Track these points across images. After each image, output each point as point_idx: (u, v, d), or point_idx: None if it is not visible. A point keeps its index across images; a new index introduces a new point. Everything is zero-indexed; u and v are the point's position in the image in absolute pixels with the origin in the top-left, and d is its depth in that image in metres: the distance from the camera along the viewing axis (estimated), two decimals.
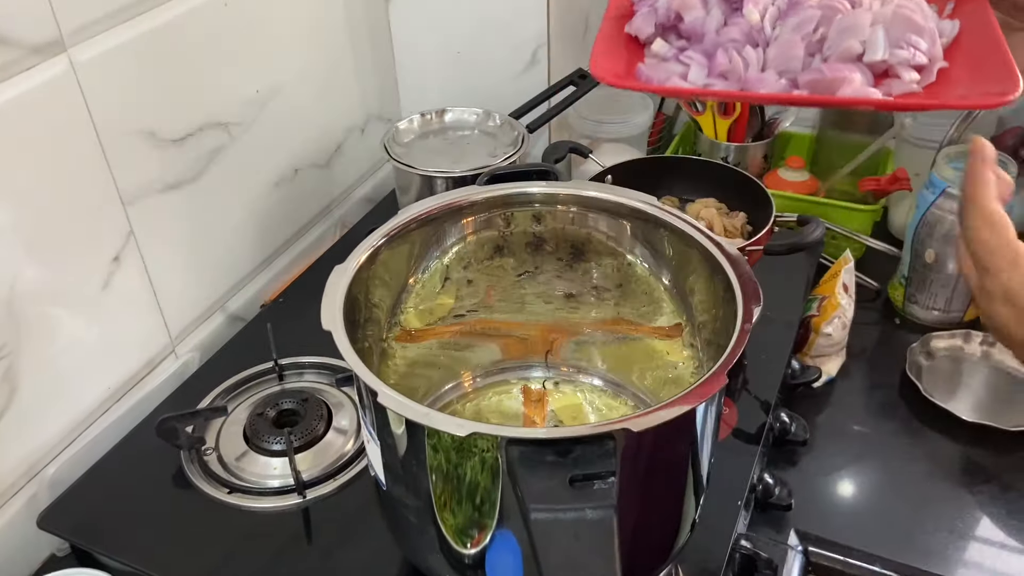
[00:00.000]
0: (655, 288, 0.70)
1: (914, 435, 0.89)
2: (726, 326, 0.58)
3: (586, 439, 0.50)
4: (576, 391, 0.74)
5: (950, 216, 0.93)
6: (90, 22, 0.72)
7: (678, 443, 0.56)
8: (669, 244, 0.67)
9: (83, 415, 0.80)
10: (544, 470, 0.50)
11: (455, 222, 0.67)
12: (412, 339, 0.67)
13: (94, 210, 0.76)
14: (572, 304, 0.73)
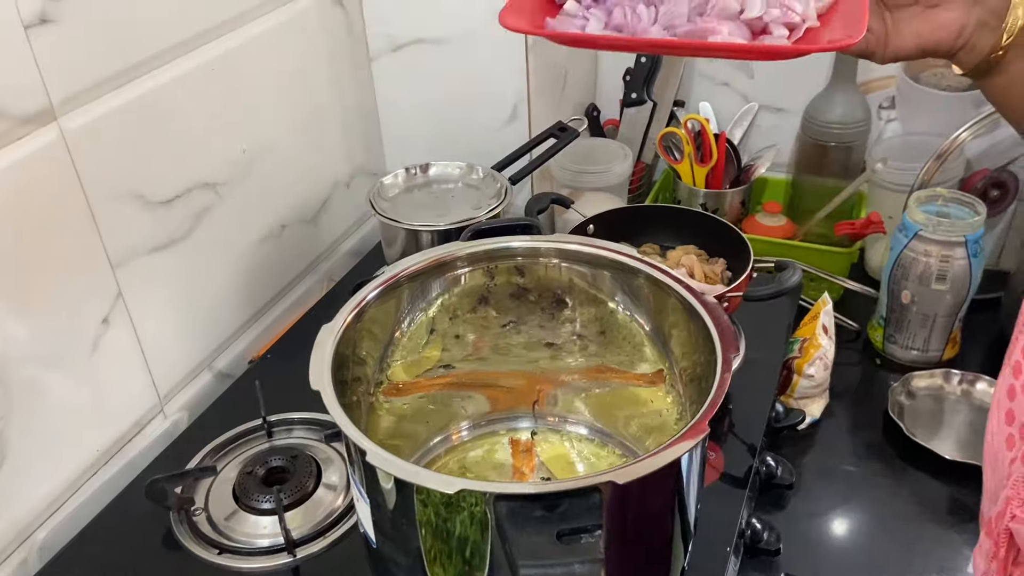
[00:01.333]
0: (636, 336, 0.71)
1: (899, 475, 0.90)
2: (706, 372, 0.59)
3: (572, 493, 0.51)
4: (563, 441, 0.75)
5: (923, 258, 0.95)
6: (79, 92, 0.74)
7: (663, 492, 0.56)
8: (648, 293, 0.69)
9: (72, 478, 0.80)
10: (532, 526, 0.51)
11: (440, 276, 0.68)
12: (399, 393, 0.68)
13: (83, 273, 0.77)
14: (555, 353, 0.74)
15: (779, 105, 1.22)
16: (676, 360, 0.68)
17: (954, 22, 0.60)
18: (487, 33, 1.05)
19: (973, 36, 0.61)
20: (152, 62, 0.80)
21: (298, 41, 1.00)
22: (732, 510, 0.76)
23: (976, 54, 0.61)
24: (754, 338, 0.94)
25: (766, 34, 0.60)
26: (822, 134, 1.11)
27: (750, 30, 0.60)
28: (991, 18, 0.60)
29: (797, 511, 0.86)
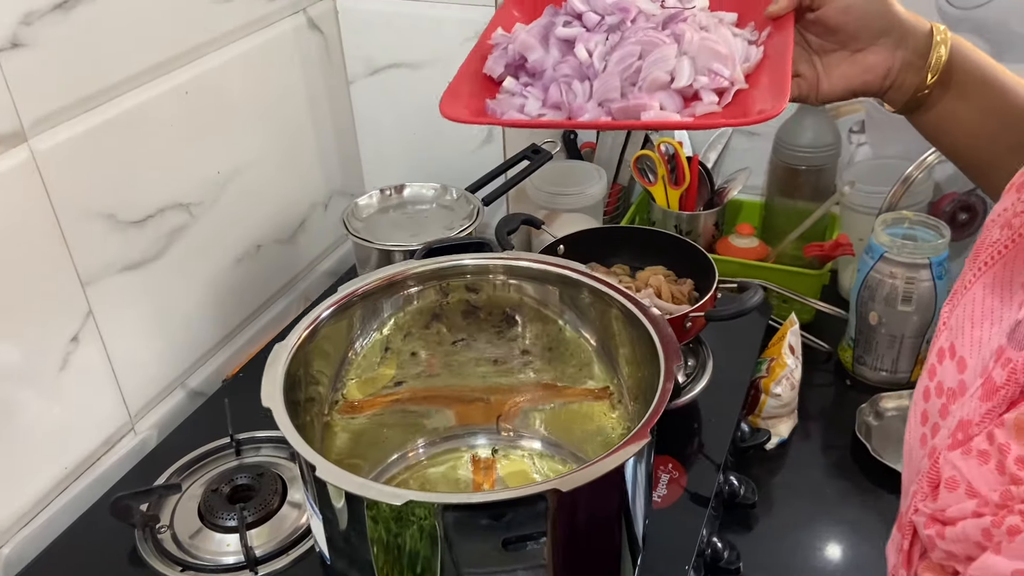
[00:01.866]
0: (584, 352, 0.72)
1: (865, 495, 0.91)
2: (651, 385, 0.60)
3: (517, 501, 0.52)
4: (522, 457, 0.76)
5: (889, 279, 0.96)
6: (51, 113, 0.75)
7: (607, 500, 0.57)
8: (593, 308, 0.70)
9: (40, 495, 0.80)
10: (478, 534, 0.52)
11: (393, 295, 0.69)
12: (355, 411, 0.69)
13: (52, 292, 0.78)
14: (504, 370, 0.75)
15: (752, 129, 1.23)
16: (623, 376, 0.69)
17: (880, 64, 0.63)
18: (460, 57, 1.07)
19: (900, 76, 0.63)
20: (125, 85, 0.82)
21: (275, 64, 1.02)
22: (693, 528, 0.76)
23: (904, 93, 0.64)
24: (723, 359, 0.95)
25: (697, 100, 0.62)
26: (793, 157, 1.12)
27: (682, 96, 0.62)
28: (915, 58, 0.63)
29: (763, 531, 0.86)
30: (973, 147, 0.66)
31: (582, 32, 0.65)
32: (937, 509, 0.46)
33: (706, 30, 0.64)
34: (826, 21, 0.63)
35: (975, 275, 0.51)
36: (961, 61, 0.63)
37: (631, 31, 0.63)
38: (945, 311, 0.53)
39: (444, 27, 1.06)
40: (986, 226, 0.52)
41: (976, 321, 0.49)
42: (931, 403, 0.51)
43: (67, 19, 0.74)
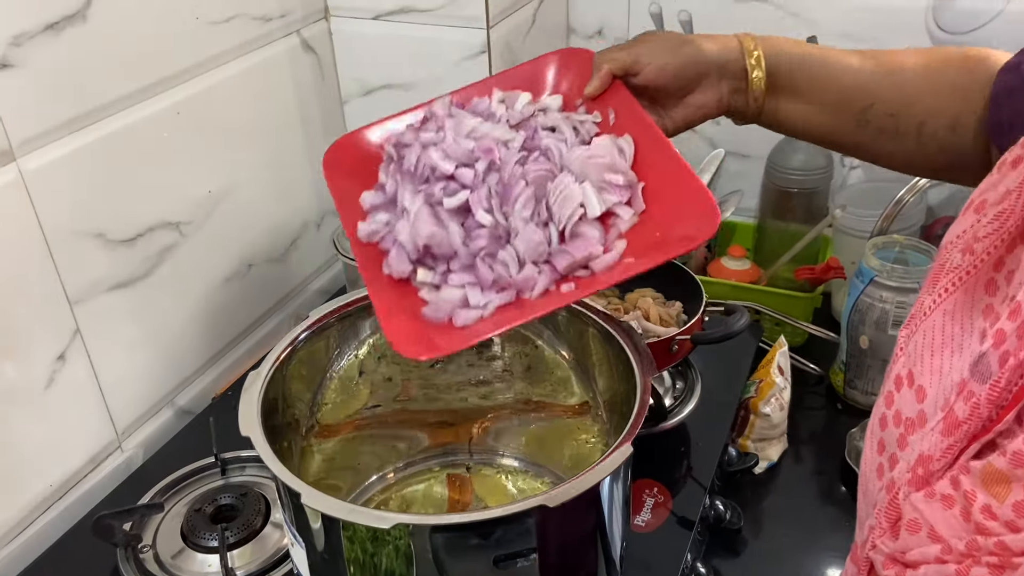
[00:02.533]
0: (561, 369, 0.72)
1: (854, 521, 0.90)
2: (629, 400, 0.60)
3: (506, 519, 0.52)
4: (498, 474, 0.76)
5: (879, 304, 0.96)
6: (40, 133, 0.76)
7: (592, 516, 0.57)
8: (569, 325, 0.70)
9: (24, 513, 0.80)
10: (469, 554, 0.52)
11: (369, 317, 0.69)
12: (332, 434, 0.69)
13: (38, 310, 0.78)
14: (484, 390, 0.75)
15: (745, 151, 1.24)
16: (600, 391, 0.69)
17: (710, 100, 0.67)
18: (454, 78, 1.07)
19: (731, 101, 0.67)
20: (115, 105, 0.82)
21: (268, 85, 1.02)
22: (677, 552, 0.76)
23: (741, 111, 0.68)
24: (712, 382, 0.95)
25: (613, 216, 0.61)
26: (785, 180, 1.12)
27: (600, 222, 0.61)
28: (740, 83, 0.66)
29: (750, 556, 0.86)
30: (825, 133, 0.69)
31: (470, 194, 0.60)
32: (897, 550, 0.46)
33: (556, 130, 0.65)
34: (647, 84, 0.66)
35: (935, 301, 0.50)
36: (785, 66, 0.66)
37: (507, 171, 0.61)
38: (902, 336, 0.52)
39: (437, 48, 1.07)
40: (944, 247, 0.52)
41: (936, 349, 0.49)
42: (888, 432, 0.50)
43: (57, 40, 0.75)
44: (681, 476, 0.85)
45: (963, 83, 0.64)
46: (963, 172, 0.67)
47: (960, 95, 0.64)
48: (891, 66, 0.66)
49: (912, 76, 0.65)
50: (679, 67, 0.65)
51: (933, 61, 0.66)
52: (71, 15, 0.76)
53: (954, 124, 0.64)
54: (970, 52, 0.66)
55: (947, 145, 0.65)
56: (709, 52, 0.65)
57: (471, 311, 0.58)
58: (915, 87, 0.65)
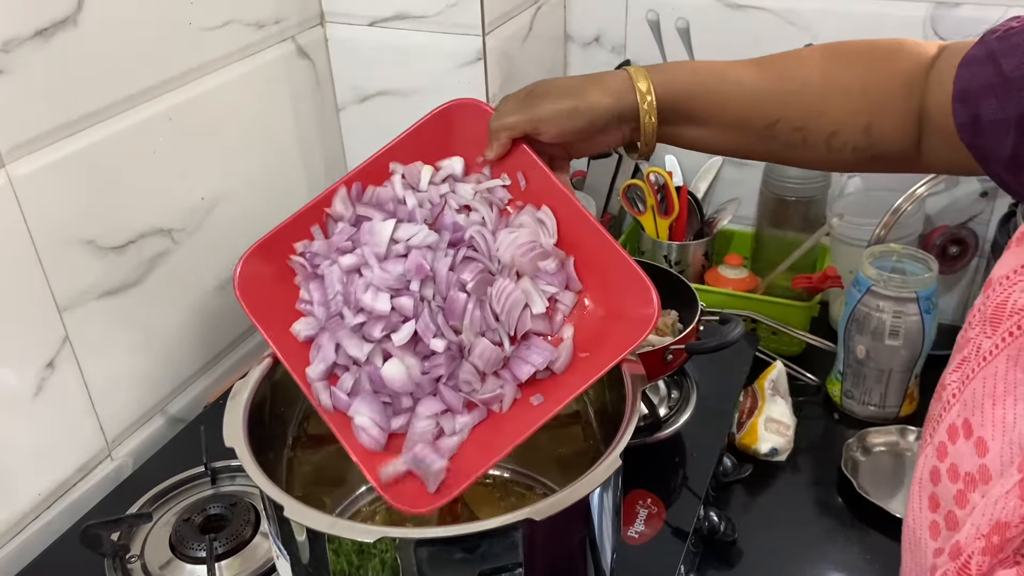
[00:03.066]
0: None
1: (850, 532, 0.89)
2: (619, 408, 0.59)
3: (491, 533, 0.51)
4: (487, 486, 0.75)
5: (876, 313, 0.95)
6: (30, 139, 0.75)
7: (580, 528, 0.56)
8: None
9: (12, 522, 0.80)
10: (454, 568, 0.51)
11: None
12: (320, 445, 0.68)
13: (27, 317, 0.78)
14: None
15: (741, 160, 1.23)
16: (591, 401, 0.68)
17: (612, 141, 0.67)
18: (449, 86, 1.07)
19: (632, 137, 0.67)
20: (107, 111, 0.82)
21: (263, 90, 1.02)
22: (670, 564, 0.75)
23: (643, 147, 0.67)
24: (708, 391, 0.94)
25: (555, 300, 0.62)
26: (782, 188, 1.11)
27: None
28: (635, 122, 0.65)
29: (745, 566, 0.85)
30: (730, 150, 0.69)
31: (421, 325, 0.59)
32: None
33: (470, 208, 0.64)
34: (552, 144, 0.65)
35: (997, 345, 0.46)
36: (683, 98, 0.65)
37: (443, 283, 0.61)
38: (953, 381, 0.49)
39: (433, 55, 1.07)
40: (996, 284, 0.48)
41: (998, 398, 0.45)
42: (943, 487, 0.47)
43: (48, 46, 0.75)
44: (675, 487, 0.84)
45: (874, 85, 0.62)
46: (883, 165, 0.66)
47: (871, 100, 0.62)
48: (793, 81, 0.64)
49: (816, 88, 0.63)
50: (579, 130, 0.64)
51: (837, 65, 0.64)
52: (62, 21, 0.76)
53: (867, 128, 0.63)
54: (879, 46, 0.64)
55: (862, 147, 0.64)
56: (605, 108, 0.63)
57: (451, 439, 0.59)
58: (820, 100, 0.63)
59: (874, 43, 0.65)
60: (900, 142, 0.63)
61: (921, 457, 0.50)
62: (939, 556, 0.46)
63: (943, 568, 0.44)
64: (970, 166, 0.60)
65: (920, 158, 0.64)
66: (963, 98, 0.57)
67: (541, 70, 1.21)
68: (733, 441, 0.96)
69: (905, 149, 0.63)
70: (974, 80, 0.56)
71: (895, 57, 0.63)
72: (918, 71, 0.61)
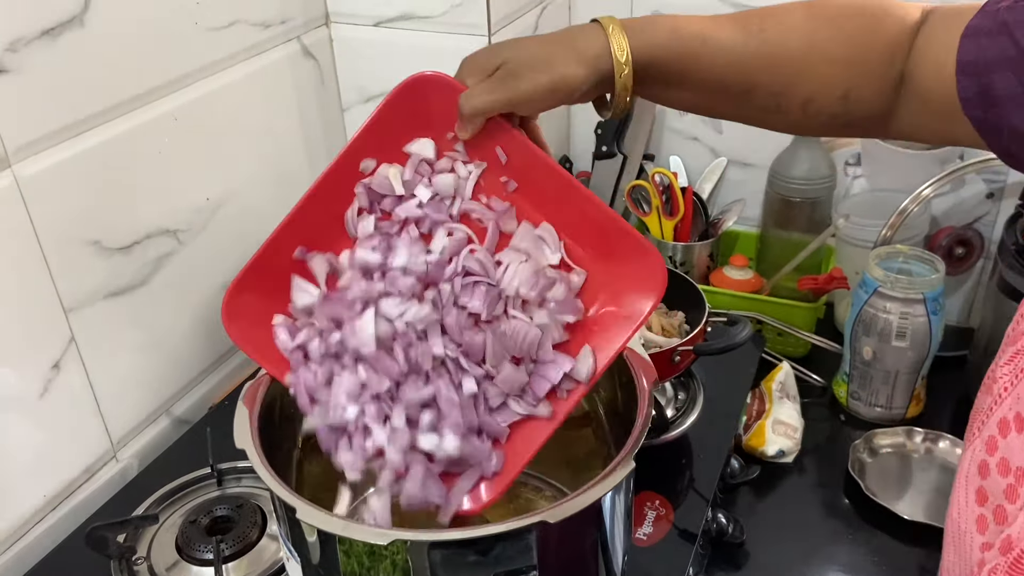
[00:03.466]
0: None
1: (858, 534, 0.89)
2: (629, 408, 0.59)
3: (506, 535, 0.51)
4: None
5: (883, 314, 0.95)
6: (36, 139, 0.75)
7: (593, 531, 0.56)
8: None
9: (17, 524, 0.79)
10: (467, 570, 0.51)
11: None
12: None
13: (32, 318, 0.77)
14: None
15: (747, 160, 1.23)
16: (601, 401, 0.68)
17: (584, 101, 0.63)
18: None
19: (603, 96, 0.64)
20: (113, 111, 0.82)
21: (268, 91, 1.02)
22: (679, 566, 0.75)
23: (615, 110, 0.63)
24: (714, 392, 0.93)
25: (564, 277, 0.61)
26: (788, 189, 1.11)
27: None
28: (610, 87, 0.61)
29: (753, 569, 0.85)
30: (701, 111, 0.67)
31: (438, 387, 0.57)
32: None
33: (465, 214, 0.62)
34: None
35: None
36: (659, 62, 0.61)
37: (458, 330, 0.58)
38: (1005, 374, 0.47)
39: (438, 56, 1.05)
40: None
41: None
42: (992, 481, 0.46)
43: (54, 45, 0.74)
44: (683, 488, 0.84)
45: (858, 54, 0.60)
46: (850, 131, 0.65)
47: (853, 68, 0.60)
48: (777, 45, 0.61)
49: (800, 55, 0.61)
50: (555, 104, 0.60)
51: (822, 30, 0.61)
52: (68, 20, 0.75)
53: (845, 95, 0.61)
54: (864, 8, 0.61)
55: (837, 114, 0.62)
56: (582, 79, 0.59)
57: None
58: (802, 66, 0.61)
59: (859, 4, 0.62)
60: (875, 108, 0.62)
61: (968, 451, 0.49)
62: (987, 550, 0.45)
63: (992, 563, 0.44)
64: (946, 134, 0.59)
65: (890, 123, 0.62)
66: (969, 71, 0.54)
67: None
68: (739, 443, 0.95)
69: (878, 114, 0.62)
70: (983, 52, 0.53)
71: (880, 20, 0.60)
72: (902, 36, 0.59)
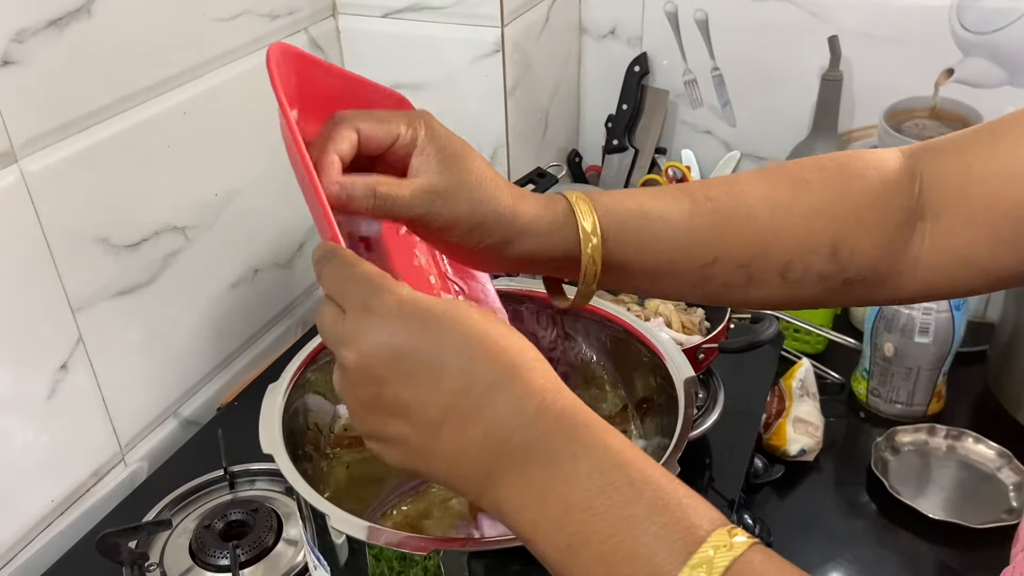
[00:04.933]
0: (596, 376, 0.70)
1: (882, 533, 0.88)
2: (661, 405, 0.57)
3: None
4: None
5: (906, 310, 0.93)
6: (42, 134, 0.72)
7: None
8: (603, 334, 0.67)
9: (24, 530, 0.77)
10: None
11: None
12: (353, 444, 0.65)
13: (40, 318, 0.75)
14: None
15: (761, 154, 1.21)
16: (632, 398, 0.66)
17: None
18: (466, 79, 1.05)
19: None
20: (120, 105, 0.79)
21: None
22: None
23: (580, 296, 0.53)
24: (734, 392, 0.92)
25: None
26: None
27: None
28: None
29: None
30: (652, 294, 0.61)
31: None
32: None
33: None
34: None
35: None
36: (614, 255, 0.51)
37: None
38: None
39: (448, 47, 1.04)
40: None
41: None
42: None
43: (61, 37, 0.72)
44: (706, 488, 0.82)
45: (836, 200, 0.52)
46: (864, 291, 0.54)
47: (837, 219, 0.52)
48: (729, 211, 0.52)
49: (761, 216, 0.52)
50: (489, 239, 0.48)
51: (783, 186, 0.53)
52: (75, 10, 0.73)
53: (835, 251, 0.52)
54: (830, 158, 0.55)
55: (830, 273, 0.53)
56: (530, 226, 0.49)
57: None
58: (765, 230, 0.52)
59: (820, 159, 0.55)
60: (881, 262, 0.53)
61: None
62: None
63: None
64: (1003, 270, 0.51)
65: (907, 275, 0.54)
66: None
67: (556, 63, 1.19)
68: (760, 442, 0.94)
69: (887, 269, 0.53)
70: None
71: (852, 164, 0.54)
72: (890, 175, 0.53)
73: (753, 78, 1.16)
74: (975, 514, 0.86)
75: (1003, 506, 0.88)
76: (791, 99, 1.14)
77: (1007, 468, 0.91)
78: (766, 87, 1.16)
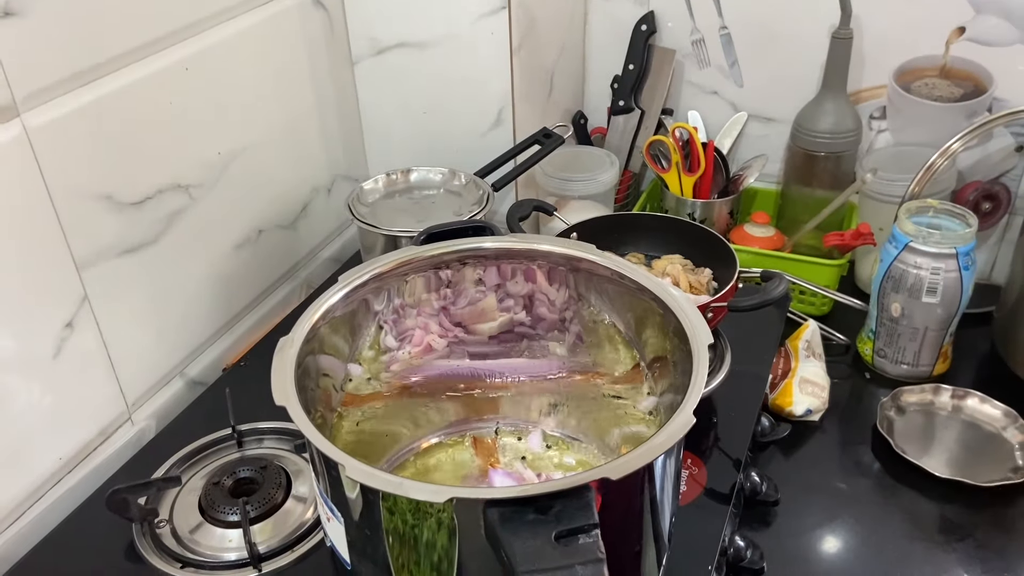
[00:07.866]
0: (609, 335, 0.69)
1: (888, 492, 0.88)
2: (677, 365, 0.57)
3: (565, 493, 0.48)
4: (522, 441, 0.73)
5: (913, 270, 0.93)
6: (45, 87, 0.71)
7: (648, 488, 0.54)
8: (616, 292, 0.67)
9: (33, 487, 0.77)
10: (527, 529, 0.48)
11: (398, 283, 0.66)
12: (362, 402, 0.65)
13: (45, 275, 0.74)
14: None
15: (768, 115, 1.20)
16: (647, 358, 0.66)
17: None
18: (471, 37, 1.03)
19: None
20: (123, 59, 0.78)
21: (277, 41, 0.98)
22: (715, 527, 0.73)
23: None
24: (740, 352, 0.92)
25: None
26: (812, 143, 1.09)
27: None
28: None
29: (783, 529, 0.83)
30: None
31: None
32: None
33: None
34: None
35: None
36: None
37: None
38: None
39: (453, 4, 1.03)
40: None
41: None
42: None
43: None
44: (713, 447, 0.83)
45: None
46: None
47: None
48: None
49: None
50: None
51: None
52: None
53: None
54: None
55: None
56: None
57: None
58: None
59: None
60: None
61: None
62: None
63: None
64: None
65: None
66: None
67: (562, 22, 1.17)
68: (766, 402, 0.94)
69: None
70: None
71: None
72: None
73: (761, 37, 1.15)
74: (981, 473, 0.86)
75: (1009, 465, 0.88)
76: (799, 59, 1.13)
77: (1012, 427, 0.92)
78: (775, 46, 1.14)
